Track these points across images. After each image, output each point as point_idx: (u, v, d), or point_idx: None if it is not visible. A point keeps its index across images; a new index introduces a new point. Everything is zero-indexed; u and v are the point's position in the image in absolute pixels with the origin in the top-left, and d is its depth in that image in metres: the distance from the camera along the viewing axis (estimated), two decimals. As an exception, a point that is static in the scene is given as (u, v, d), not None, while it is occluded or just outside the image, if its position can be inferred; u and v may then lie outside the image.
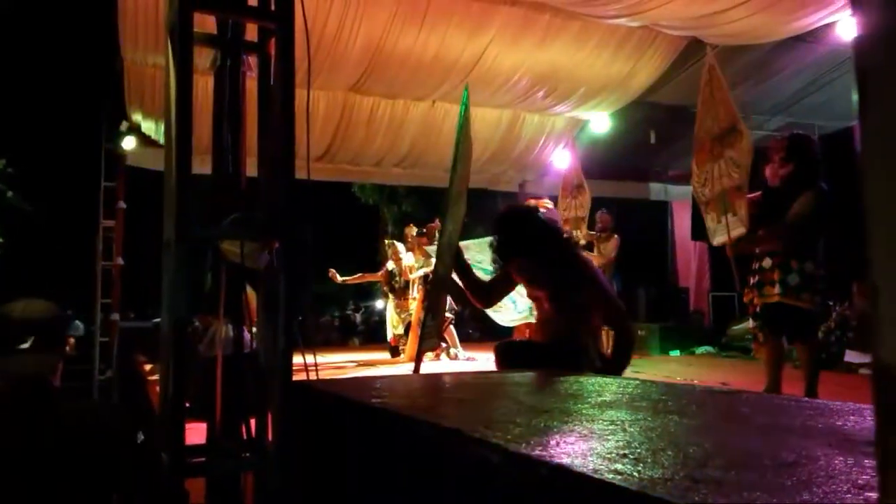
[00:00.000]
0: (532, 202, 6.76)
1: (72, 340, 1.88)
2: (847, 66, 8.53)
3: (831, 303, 7.25)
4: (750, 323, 4.31)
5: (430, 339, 3.26)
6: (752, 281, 4.14)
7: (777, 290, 3.94)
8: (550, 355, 2.73)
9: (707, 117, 4.62)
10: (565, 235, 3.21)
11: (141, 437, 1.76)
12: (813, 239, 4.00)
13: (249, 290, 2.23)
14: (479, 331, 11.56)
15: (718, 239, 4.50)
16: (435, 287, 3.24)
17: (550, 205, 6.44)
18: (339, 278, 8.42)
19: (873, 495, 0.70)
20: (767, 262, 4.04)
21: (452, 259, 3.11)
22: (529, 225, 2.97)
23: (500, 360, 2.90)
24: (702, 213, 4.71)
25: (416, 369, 3.12)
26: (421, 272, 7.80)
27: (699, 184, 4.66)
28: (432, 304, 3.27)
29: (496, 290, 3.25)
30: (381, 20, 6.88)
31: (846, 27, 6.78)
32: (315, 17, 6.17)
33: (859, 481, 0.75)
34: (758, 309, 4.10)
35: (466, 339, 9.53)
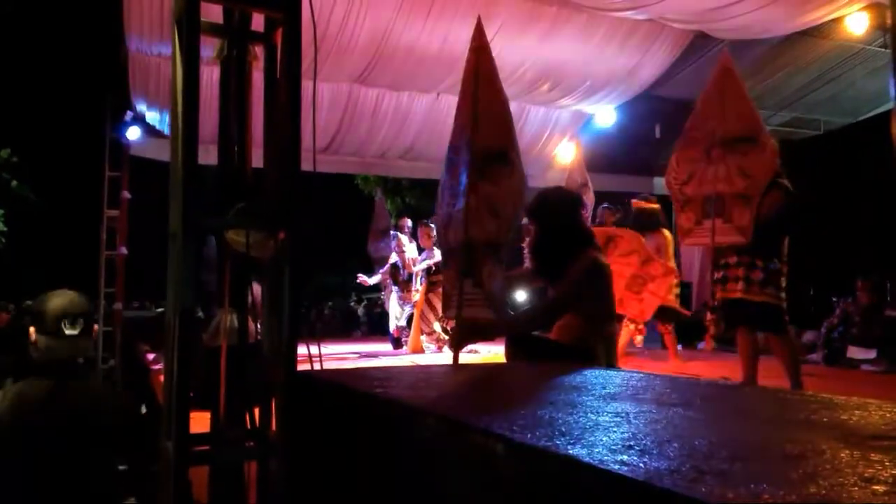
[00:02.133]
0: (638, 203, 6.79)
1: (97, 327, 2.11)
2: (853, 61, 8.51)
3: (834, 299, 7.25)
4: (708, 315, 4.36)
5: (478, 307, 2.85)
6: (717, 276, 4.19)
7: (740, 286, 4.01)
8: (561, 353, 2.73)
9: (710, 118, 4.48)
10: (582, 227, 3.13)
11: (143, 409, 2.11)
12: (778, 238, 4.03)
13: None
14: None
15: (692, 240, 4.48)
16: (467, 251, 2.92)
17: (656, 205, 6.48)
18: (370, 281, 8.74)
19: (880, 488, 0.70)
20: (733, 259, 4.08)
21: (506, 224, 2.92)
22: (552, 205, 2.97)
23: (512, 352, 2.90)
24: (674, 209, 4.68)
25: (455, 346, 2.94)
26: (424, 265, 7.81)
27: (677, 181, 4.57)
28: (467, 270, 2.92)
29: (518, 280, 3.25)
30: (387, 11, 6.87)
31: (853, 22, 6.75)
32: (321, 6, 6.15)
33: (865, 474, 0.75)
34: (717, 303, 4.16)
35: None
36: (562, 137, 9.56)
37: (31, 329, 2.05)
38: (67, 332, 2.03)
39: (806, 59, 8.48)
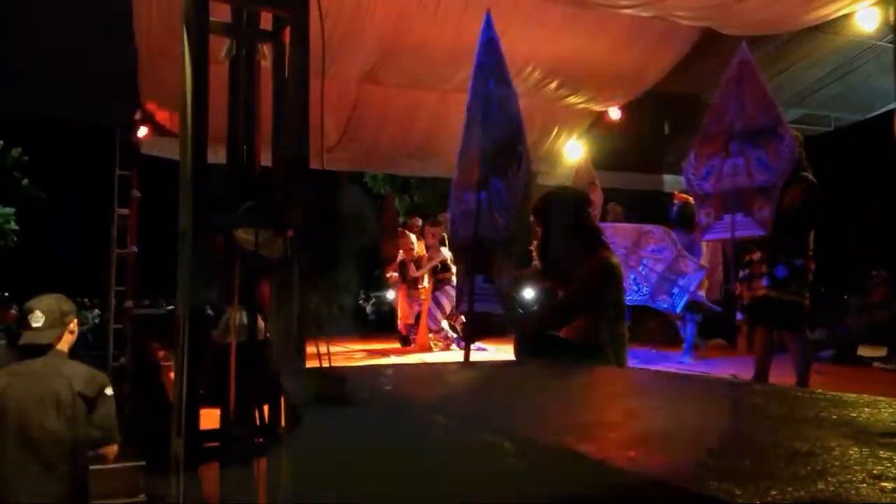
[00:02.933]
0: (682, 196, 6.77)
1: (74, 320, 2.56)
2: (865, 57, 8.44)
3: (845, 296, 7.20)
4: (738, 316, 4.31)
5: (489, 303, 2.79)
6: (742, 274, 4.15)
7: (764, 282, 3.96)
8: (571, 352, 2.72)
9: (727, 112, 4.46)
10: (592, 228, 3.11)
11: (109, 391, 2.48)
12: (803, 233, 3.98)
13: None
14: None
15: (712, 234, 4.45)
16: (478, 247, 2.86)
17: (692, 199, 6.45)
18: (395, 275, 8.78)
19: (889, 485, 0.70)
20: (757, 256, 4.05)
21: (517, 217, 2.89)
22: (557, 206, 2.97)
23: (521, 350, 2.89)
24: (694, 205, 4.66)
25: (465, 342, 2.89)
26: (430, 264, 7.81)
27: (697, 177, 4.55)
28: (477, 265, 2.85)
29: (526, 280, 3.24)
30: (395, 9, 6.87)
31: (865, 18, 6.70)
32: (329, 5, 6.15)
33: (874, 471, 0.75)
34: (745, 302, 4.11)
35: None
36: (570, 135, 9.53)
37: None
38: (33, 324, 2.42)
39: (817, 55, 8.42)
